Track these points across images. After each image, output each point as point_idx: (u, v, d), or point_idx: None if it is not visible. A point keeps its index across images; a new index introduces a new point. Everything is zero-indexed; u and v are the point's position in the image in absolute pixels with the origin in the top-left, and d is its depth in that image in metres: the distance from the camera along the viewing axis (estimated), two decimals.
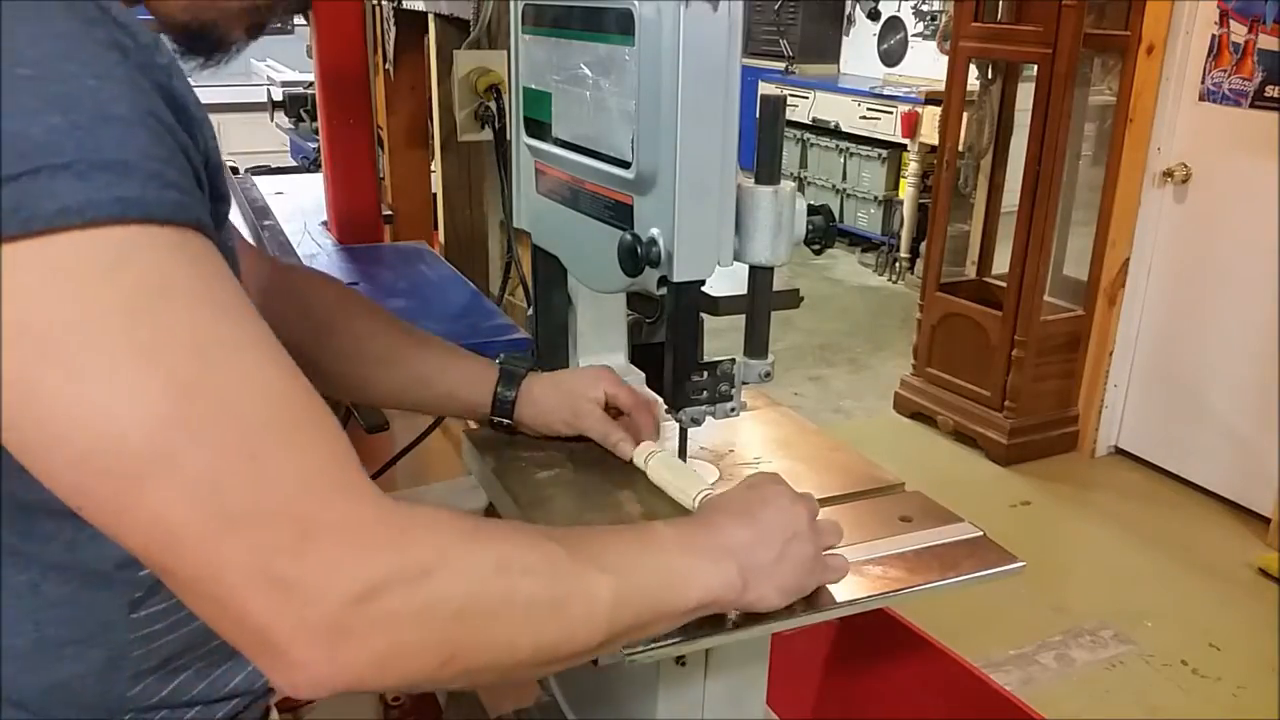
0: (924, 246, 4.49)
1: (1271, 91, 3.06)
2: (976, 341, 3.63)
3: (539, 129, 1.03)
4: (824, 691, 1.62)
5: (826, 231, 0.91)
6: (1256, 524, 3.15)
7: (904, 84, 5.96)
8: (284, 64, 4.84)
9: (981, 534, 0.96)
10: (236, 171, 3.22)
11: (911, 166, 5.51)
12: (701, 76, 0.81)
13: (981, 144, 3.82)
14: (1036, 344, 3.49)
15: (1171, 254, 3.44)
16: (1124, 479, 3.53)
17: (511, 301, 1.94)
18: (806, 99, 6.28)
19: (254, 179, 2.80)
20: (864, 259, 6.09)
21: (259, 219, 2.30)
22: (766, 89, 6.16)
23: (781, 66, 6.54)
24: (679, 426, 1.00)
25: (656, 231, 0.86)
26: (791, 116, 6.17)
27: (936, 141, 3.98)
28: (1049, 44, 3.25)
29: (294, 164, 3.81)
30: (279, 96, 3.15)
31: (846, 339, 4.87)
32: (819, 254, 0.96)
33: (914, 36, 6.24)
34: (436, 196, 2.23)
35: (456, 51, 1.91)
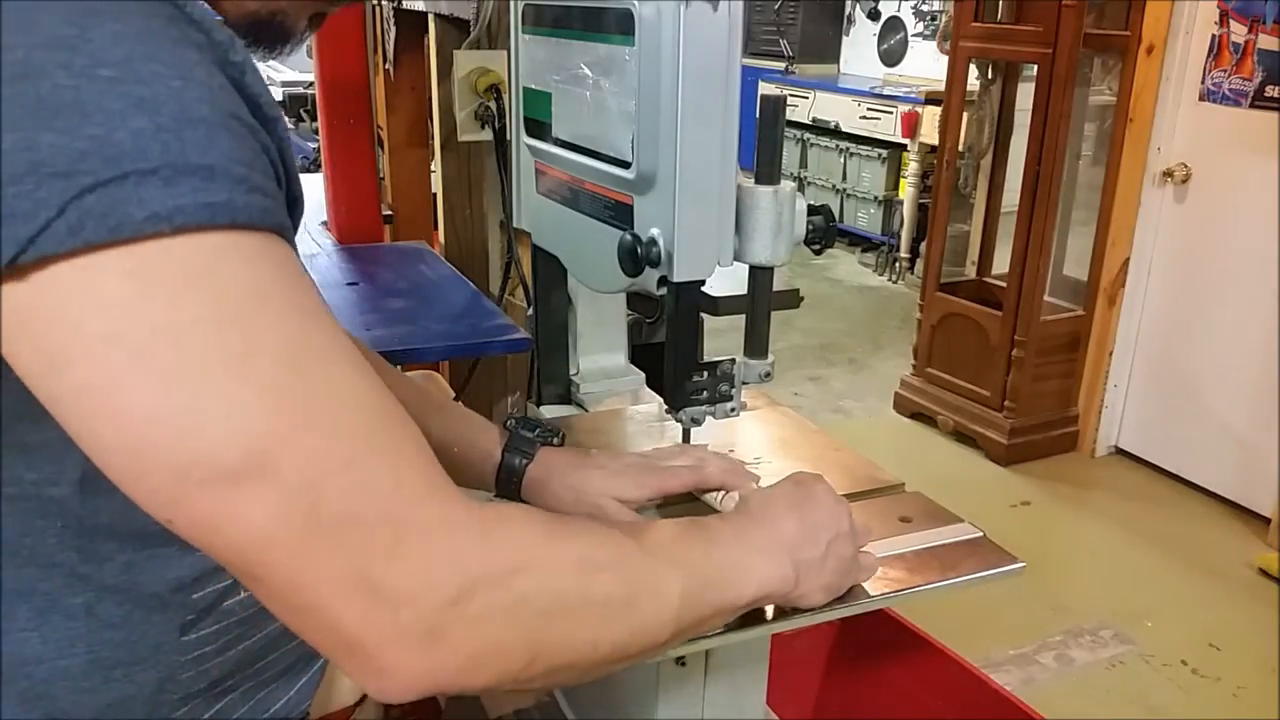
0: (924, 246, 4.49)
1: (1271, 91, 3.06)
2: (976, 341, 3.63)
3: (539, 129, 1.03)
4: (824, 691, 1.62)
5: (826, 231, 0.91)
6: (1256, 524, 3.15)
7: (904, 84, 5.96)
8: (284, 64, 4.84)
9: (981, 534, 0.96)
10: None
11: (911, 166, 5.51)
12: (701, 76, 0.81)
13: (981, 144, 3.82)
14: (1036, 344, 3.49)
15: (1171, 254, 3.44)
16: (1124, 479, 3.53)
17: (511, 301, 1.94)
18: (806, 99, 6.28)
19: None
20: (864, 259, 6.09)
21: None
22: (766, 89, 6.16)
23: (781, 66, 6.53)
24: (679, 427, 1.00)
25: (656, 231, 0.86)
26: (791, 116, 6.17)
27: (936, 141, 3.98)
28: (1049, 44, 3.25)
29: None
30: (279, 96, 3.16)
31: (846, 339, 4.87)
32: (819, 254, 0.96)
33: (914, 36, 6.24)
34: (436, 196, 2.23)
35: (456, 51, 1.91)
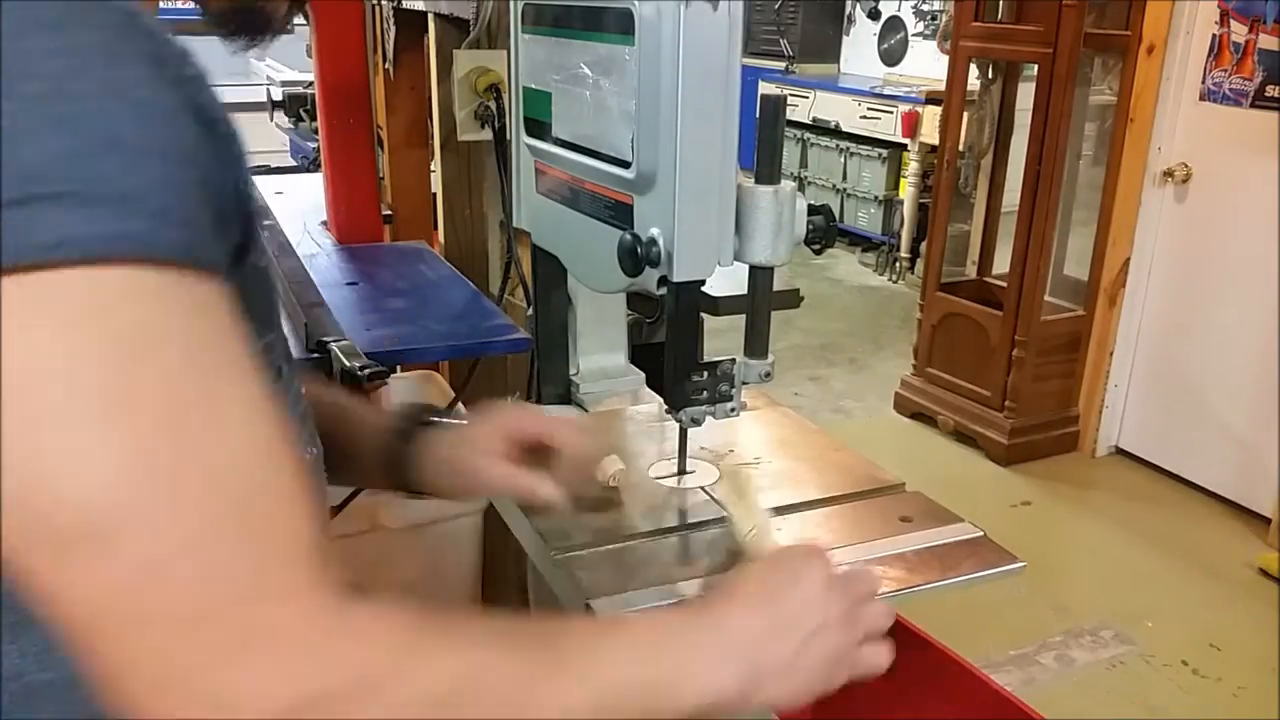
0: (924, 246, 4.49)
1: (1272, 91, 3.05)
2: (977, 341, 3.63)
3: (539, 129, 1.03)
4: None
5: (827, 231, 0.91)
6: (1256, 524, 3.15)
7: (904, 84, 5.96)
8: (284, 64, 4.84)
9: (982, 534, 0.96)
10: None
11: (912, 166, 5.51)
12: (701, 76, 0.81)
13: (982, 144, 3.82)
14: (1037, 344, 3.49)
15: (1172, 254, 3.44)
16: (1124, 479, 3.53)
17: (511, 301, 1.94)
18: (806, 99, 6.27)
19: (254, 179, 2.79)
20: (864, 259, 6.09)
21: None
22: (766, 89, 6.15)
23: (781, 66, 6.53)
24: (679, 426, 1.00)
25: (656, 231, 0.86)
26: (791, 116, 6.16)
27: (937, 141, 3.98)
28: (1049, 44, 3.25)
29: (294, 164, 3.81)
30: (279, 96, 3.15)
31: (846, 339, 4.87)
32: (819, 254, 0.96)
33: (914, 36, 6.24)
34: (436, 196, 2.23)
35: (456, 51, 1.91)
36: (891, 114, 5.66)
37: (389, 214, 2.37)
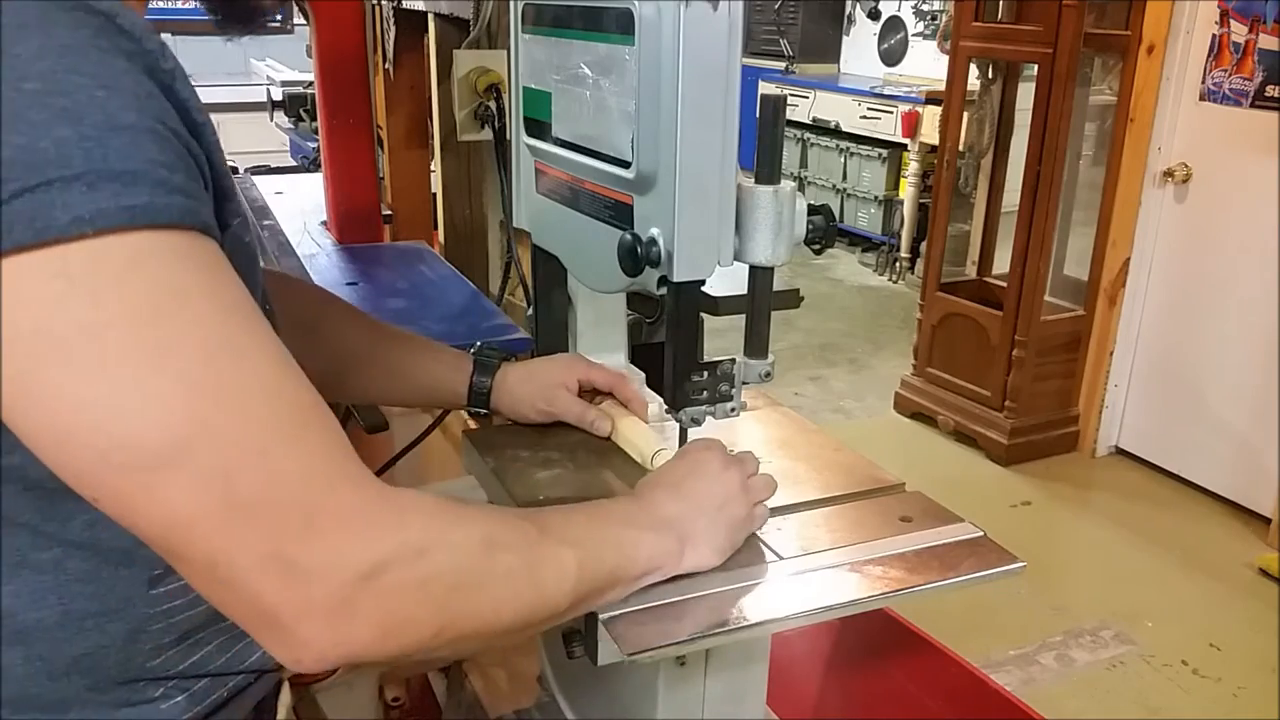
0: (924, 246, 4.49)
1: (1272, 91, 3.06)
2: (977, 341, 3.63)
3: (539, 129, 1.03)
4: (824, 691, 1.62)
5: (827, 231, 0.91)
6: (1256, 524, 3.15)
7: (904, 84, 5.96)
8: (284, 64, 4.84)
9: (982, 534, 0.96)
10: (236, 171, 3.21)
11: (912, 166, 5.51)
12: (701, 76, 0.81)
13: (982, 144, 3.82)
14: (1037, 344, 3.49)
15: (1172, 254, 3.44)
16: (1124, 479, 3.53)
17: (511, 301, 1.94)
18: (806, 99, 6.28)
19: (254, 179, 2.79)
20: (864, 259, 6.09)
21: (259, 219, 2.30)
22: (766, 89, 6.16)
23: (781, 66, 6.54)
24: (679, 426, 1.00)
25: (656, 231, 0.86)
26: (791, 116, 6.17)
27: (937, 141, 3.98)
28: (1049, 44, 3.25)
29: (294, 164, 3.81)
30: (279, 96, 3.16)
31: (846, 339, 4.87)
32: (819, 254, 0.96)
33: (914, 36, 6.24)
34: (436, 196, 2.23)
35: (456, 51, 1.91)
36: (891, 114, 5.66)
37: (389, 214, 2.37)
